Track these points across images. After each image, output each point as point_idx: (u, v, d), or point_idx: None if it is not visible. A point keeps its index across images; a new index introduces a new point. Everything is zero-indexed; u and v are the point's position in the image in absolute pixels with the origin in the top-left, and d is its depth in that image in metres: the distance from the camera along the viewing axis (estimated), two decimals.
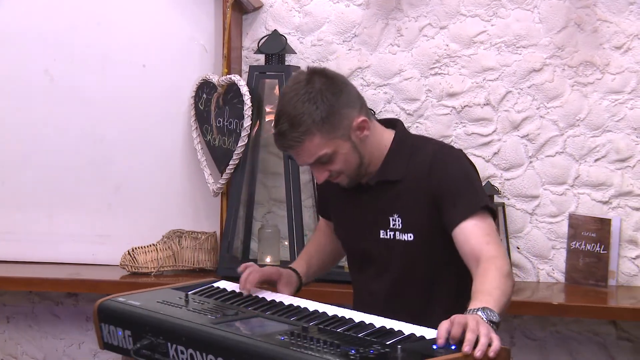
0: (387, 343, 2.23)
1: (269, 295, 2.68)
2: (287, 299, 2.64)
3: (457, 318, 2.24)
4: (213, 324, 2.37)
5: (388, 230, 2.73)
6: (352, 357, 2.11)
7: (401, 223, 2.71)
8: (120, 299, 2.59)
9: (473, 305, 2.36)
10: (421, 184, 2.68)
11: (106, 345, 2.58)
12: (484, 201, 2.67)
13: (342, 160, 2.66)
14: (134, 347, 2.42)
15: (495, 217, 2.68)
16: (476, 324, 2.22)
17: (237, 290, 2.72)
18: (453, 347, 2.19)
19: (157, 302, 2.57)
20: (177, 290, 2.71)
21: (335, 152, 2.63)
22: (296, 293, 2.86)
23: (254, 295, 2.69)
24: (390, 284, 2.76)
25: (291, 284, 2.87)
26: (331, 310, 2.50)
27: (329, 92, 2.61)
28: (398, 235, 2.71)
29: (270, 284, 2.82)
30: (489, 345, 2.19)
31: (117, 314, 2.54)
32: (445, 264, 2.72)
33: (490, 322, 2.30)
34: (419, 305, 2.69)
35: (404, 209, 2.71)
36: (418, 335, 2.30)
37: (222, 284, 2.78)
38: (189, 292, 2.69)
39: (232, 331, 2.33)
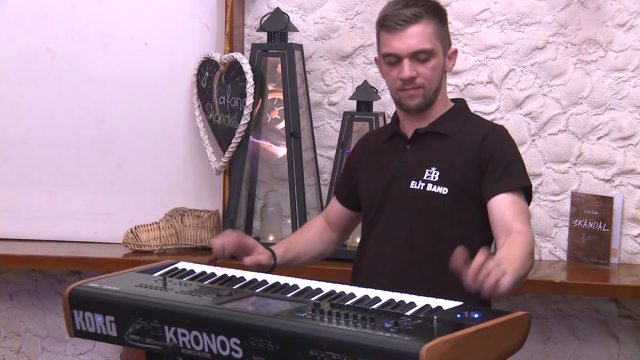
0: (408, 314, 2.24)
1: (246, 275, 2.64)
2: (266, 277, 2.60)
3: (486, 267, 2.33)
4: (217, 304, 2.33)
5: (420, 182, 2.75)
6: (391, 329, 2.10)
7: (438, 176, 2.74)
8: (93, 284, 2.51)
9: None
10: (471, 146, 2.75)
11: (78, 333, 2.49)
12: (527, 181, 2.75)
13: (434, 67, 2.76)
14: (127, 333, 2.34)
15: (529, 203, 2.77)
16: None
17: (207, 271, 2.69)
18: (476, 316, 2.21)
19: (135, 285, 2.50)
20: (143, 273, 2.64)
21: (435, 53, 2.75)
22: (269, 272, 2.83)
23: (230, 275, 2.65)
24: (409, 237, 2.76)
25: (269, 259, 2.86)
26: (324, 286, 2.49)
27: (442, 10, 2.82)
28: (430, 187, 2.74)
29: (243, 254, 2.82)
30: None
31: (96, 300, 2.45)
32: (470, 228, 2.75)
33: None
34: (438, 262, 2.67)
35: (444, 162, 2.75)
36: (434, 306, 2.31)
37: (185, 265, 2.74)
38: (155, 274, 2.64)
39: (244, 311, 2.30)
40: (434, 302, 2.33)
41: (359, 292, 2.44)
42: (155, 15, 3.98)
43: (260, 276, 2.62)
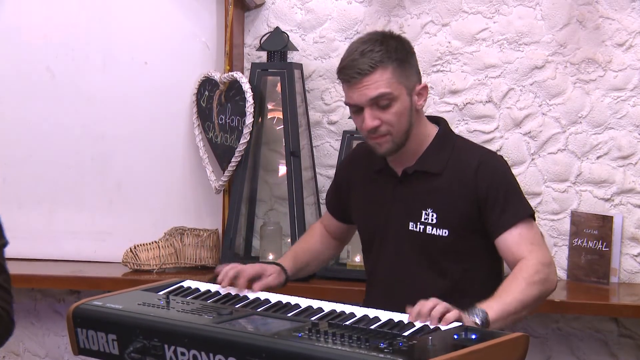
0: (405, 335, 2.24)
1: (250, 294, 2.66)
2: (269, 296, 2.61)
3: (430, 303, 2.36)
4: (216, 323, 2.34)
5: (419, 224, 2.72)
6: (385, 350, 2.10)
7: (435, 218, 2.70)
8: (97, 303, 2.52)
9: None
10: (464, 182, 2.69)
11: (82, 351, 2.50)
12: (529, 209, 2.71)
13: (399, 112, 2.64)
14: (127, 351, 2.35)
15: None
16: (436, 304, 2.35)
17: (212, 290, 2.69)
18: (473, 337, 2.21)
19: (138, 304, 2.51)
20: (148, 292, 2.65)
21: (397, 98, 2.63)
22: (282, 287, 2.85)
23: (233, 294, 2.66)
24: (413, 278, 2.74)
25: (278, 276, 2.86)
26: (325, 305, 2.49)
27: (404, 48, 2.68)
28: (430, 230, 2.70)
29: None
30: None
31: (98, 318, 2.47)
32: (474, 261, 2.74)
33: (476, 323, 2.39)
34: (444, 298, 2.66)
35: (440, 204, 2.70)
36: (432, 327, 2.31)
37: (190, 283, 2.75)
38: (160, 292, 2.65)
39: (242, 330, 2.30)
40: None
41: (359, 311, 2.44)
42: (155, 35, 3.99)
43: (263, 295, 2.63)
